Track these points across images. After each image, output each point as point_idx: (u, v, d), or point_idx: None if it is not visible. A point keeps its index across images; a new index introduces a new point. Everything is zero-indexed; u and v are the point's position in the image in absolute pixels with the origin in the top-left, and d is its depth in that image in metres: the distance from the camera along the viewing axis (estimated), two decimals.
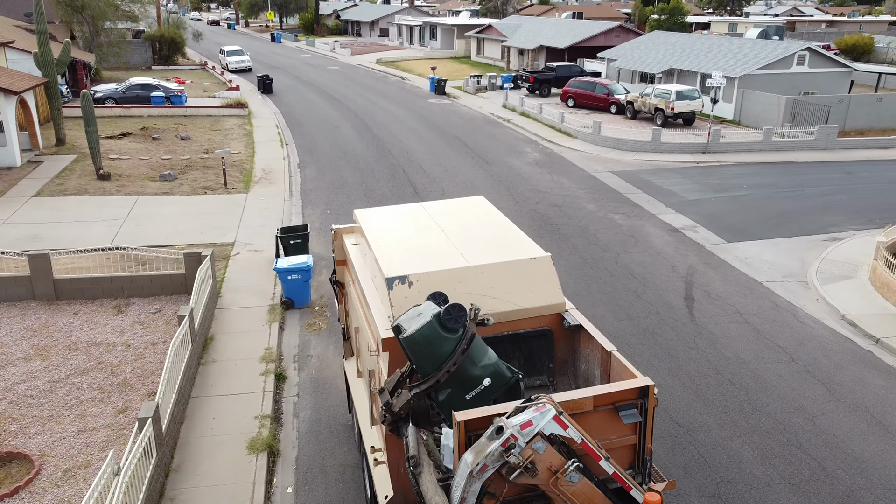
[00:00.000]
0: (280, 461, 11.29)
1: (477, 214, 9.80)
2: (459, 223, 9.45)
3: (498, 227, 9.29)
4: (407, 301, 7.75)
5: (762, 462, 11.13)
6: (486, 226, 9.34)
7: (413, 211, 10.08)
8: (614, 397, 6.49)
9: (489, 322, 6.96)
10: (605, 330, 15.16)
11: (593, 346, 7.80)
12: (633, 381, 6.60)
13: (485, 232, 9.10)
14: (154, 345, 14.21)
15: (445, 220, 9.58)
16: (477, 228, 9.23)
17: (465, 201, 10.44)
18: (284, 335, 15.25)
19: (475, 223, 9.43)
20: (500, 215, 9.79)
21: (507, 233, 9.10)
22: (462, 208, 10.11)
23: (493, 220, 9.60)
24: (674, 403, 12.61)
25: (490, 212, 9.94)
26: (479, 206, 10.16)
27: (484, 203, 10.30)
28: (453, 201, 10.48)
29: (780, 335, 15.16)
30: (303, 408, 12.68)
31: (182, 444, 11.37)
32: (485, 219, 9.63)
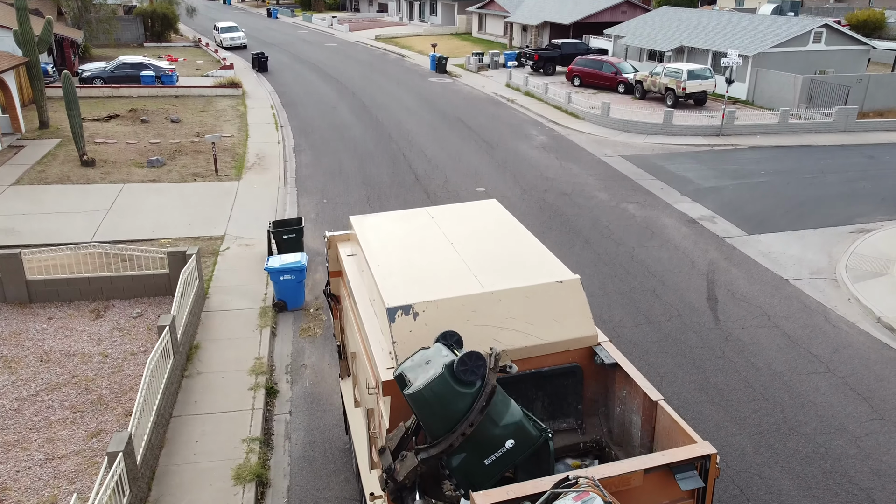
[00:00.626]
0: (270, 493, 10.17)
1: (490, 223, 8.56)
2: (470, 234, 8.21)
3: (515, 240, 8.05)
4: (412, 336, 6.54)
5: (804, 494, 10.02)
6: (501, 238, 8.10)
7: (416, 218, 8.84)
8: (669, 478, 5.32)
9: (512, 370, 5.77)
10: (624, 336, 14.01)
11: (633, 390, 6.61)
12: (690, 448, 5.43)
13: (500, 246, 7.86)
14: (134, 355, 13.04)
15: (454, 230, 8.35)
16: (491, 242, 7.99)
17: (476, 206, 9.19)
18: (277, 342, 14.09)
19: (489, 235, 8.19)
20: (516, 224, 8.54)
21: (526, 247, 7.86)
22: (472, 215, 8.87)
23: (509, 230, 8.36)
24: (704, 424, 11.47)
25: (505, 220, 8.69)
26: (491, 213, 8.90)
27: (497, 209, 9.05)
28: (462, 206, 9.22)
29: (814, 341, 14.00)
30: (295, 428, 11.54)
31: (161, 473, 10.24)
32: (499, 229, 8.38)
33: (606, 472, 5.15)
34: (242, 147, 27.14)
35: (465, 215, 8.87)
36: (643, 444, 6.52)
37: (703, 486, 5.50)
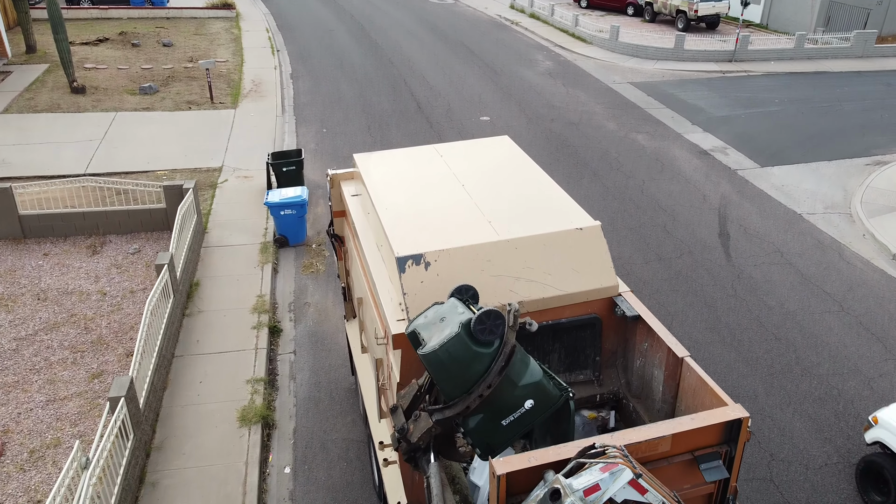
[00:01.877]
0: (276, 435, 10.06)
1: (503, 162, 8.07)
2: (483, 175, 7.74)
3: (531, 182, 7.58)
4: (423, 287, 6.17)
5: (817, 437, 9.90)
6: (515, 179, 7.63)
7: (424, 157, 8.34)
8: (698, 437, 5.03)
9: (532, 328, 5.42)
10: (634, 274, 13.70)
11: (655, 343, 6.30)
12: (720, 411, 5.13)
13: (515, 189, 7.40)
14: (133, 293, 12.75)
15: (465, 170, 7.86)
16: (505, 183, 7.52)
17: (487, 143, 8.66)
18: (278, 279, 13.78)
19: (502, 176, 7.71)
20: (530, 164, 8.05)
21: (542, 190, 7.40)
22: (484, 153, 8.36)
23: (524, 170, 7.87)
24: (716, 365, 11.28)
25: (518, 158, 8.19)
26: (504, 151, 8.39)
27: (510, 146, 8.53)
28: (472, 144, 8.70)
29: (827, 279, 13.69)
30: (300, 368, 11.36)
31: (165, 415, 10.10)
32: (513, 169, 7.90)
33: (633, 438, 4.87)
34: (238, 73, 26.17)
35: (476, 153, 8.37)
36: (665, 399, 6.26)
37: (728, 476, 5.24)
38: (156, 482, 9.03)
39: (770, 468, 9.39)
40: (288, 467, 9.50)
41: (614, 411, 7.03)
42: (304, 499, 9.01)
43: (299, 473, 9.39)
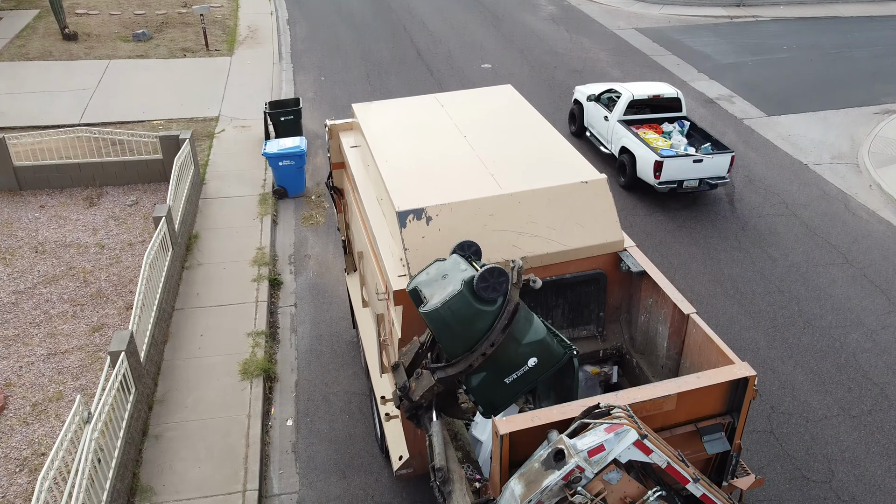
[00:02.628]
0: (277, 387, 10.08)
1: (505, 113, 7.84)
2: (485, 126, 7.53)
3: (534, 133, 7.38)
4: (424, 242, 6.05)
5: (818, 389, 9.92)
6: (518, 131, 7.43)
7: (425, 107, 8.11)
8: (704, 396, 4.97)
9: (536, 285, 5.31)
10: (637, 225, 13.57)
11: (661, 299, 6.21)
12: (727, 369, 5.06)
13: (518, 140, 7.21)
14: (131, 245, 12.65)
15: (467, 121, 7.65)
16: (507, 135, 7.32)
17: (489, 93, 8.42)
18: (278, 231, 13.65)
19: (505, 127, 7.50)
20: (534, 114, 7.83)
21: (546, 141, 7.20)
22: (486, 103, 8.13)
23: (527, 121, 7.66)
24: (718, 317, 11.24)
25: (522, 109, 7.96)
26: (507, 101, 8.16)
27: (513, 95, 8.29)
28: (474, 93, 8.46)
29: (832, 231, 13.56)
30: (301, 321, 11.33)
31: (167, 368, 10.10)
32: (516, 119, 7.68)
33: (638, 397, 4.81)
34: (233, 18, 25.51)
35: (478, 103, 8.13)
36: (669, 356, 6.20)
37: (729, 449, 5.19)
38: (159, 434, 9.07)
39: (770, 420, 9.43)
40: (290, 420, 9.54)
41: (617, 366, 6.99)
42: (307, 451, 9.06)
43: (301, 426, 9.44)
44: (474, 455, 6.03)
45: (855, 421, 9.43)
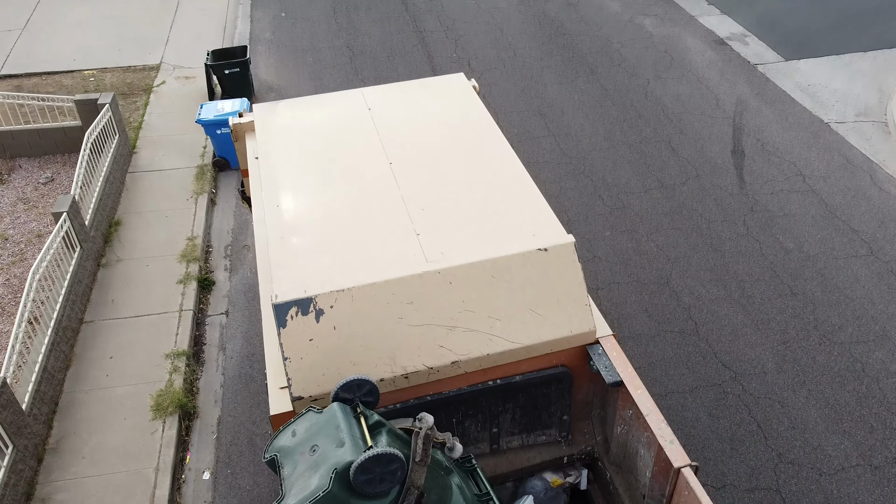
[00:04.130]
0: (197, 426, 8.58)
1: (451, 124, 5.94)
2: (420, 148, 5.64)
3: (483, 160, 5.50)
4: (313, 348, 4.32)
5: (834, 429, 8.39)
6: (463, 156, 5.55)
7: (346, 109, 6.18)
8: None
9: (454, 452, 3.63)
10: (631, 206, 11.74)
11: (642, 425, 4.52)
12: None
13: (461, 173, 5.35)
14: (40, 237, 10.88)
15: (397, 137, 5.76)
16: (448, 164, 5.47)
17: (435, 88, 6.47)
18: (215, 213, 11.86)
19: (446, 149, 5.62)
20: (488, 127, 5.92)
21: (498, 176, 5.34)
22: (428, 106, 6.19)
23: (477, 139, 5.77)
24: (720, 330, 9.60)
25: (473, 117, 6.05)
26: (456, 103, 6.22)
27: (465, 94, 6.35)
28: (416, 87, 6.50)
29: (855, 211, 11.71)
30: (232, 335, 9.71)
31: (66, 404, 8.56)
32: (463, 137, 5.80)
33: None
34: None
35: (417, 106, 6.19)
36: (653, 494, 4.57)
37: None
38: (46, 498, 7.62)
39: (777, 473, 7.94)
40: (208, 472, 8.07)
41: (587, 470, 5.39)
42: None
43: (220, 479, 7.98)
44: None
45: (877, 473, 7.94)
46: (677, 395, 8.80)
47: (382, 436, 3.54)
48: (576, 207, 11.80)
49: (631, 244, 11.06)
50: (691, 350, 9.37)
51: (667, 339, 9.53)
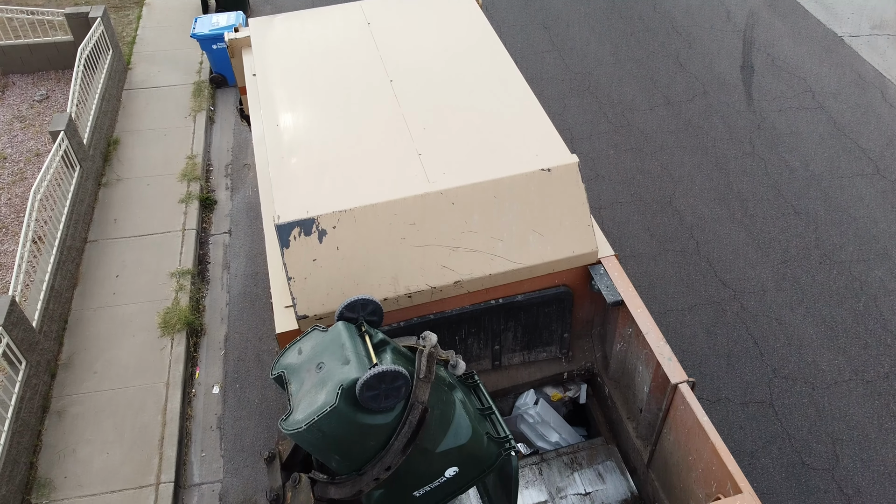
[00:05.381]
0: (204, 343, 8.75)
1: (455, 43, 5.78)
2: (422, 66, 5.50)
3: (488, 81, 5.38)
4: (317, 268, 4.35)
5: (829, 345, 8.54)
6: (467, 77, 5.42)
7: (344, 24, 5.99)
8: None
9: (457, 369, 3.71)
10: (636, 125, 11.57)
11: (642, 342, 4.60)
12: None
13: (465, 95, 5.24)
14: (39, 156, 10.80)
15: (398, 56, 5.61)
16: (451, 85, 5.34)
17: (437, 5, 6.22)
18: (214, 132, 11.70)
19: (450, 69, 5.48)
20: (494, 47, 5.75)
21: (503, 98, 5.23)
22: (431, 24, 6.00)
23: (482, 59, 5.61)
24: (720, 249, 9.64)
25: (477, 36, 5.88)
26: (461, 23, 6.01)
27: (470, 13, 6.11)
28: (415, 4, 6.26)
29: (864, 129, 11.54)
30: (235, 254, 9.78)
31: (75, 322, 8.71)
32: (467, 57, 5.65)
33: None
34: None
35: (416, 19, 6.00)
36: (650, 409, 4.71)
37: None
38: (62, 410, 7.86)
39: (771, 388, 8.14)
40: (217, 386, 8.29)
41: (586, 385, 5.53)
42: (234, 427, 7.90)
43: (229, 394, 8.21)
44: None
45: (869, 388, 8.14)
46: (676, 312, 8.92)
47: (387, 353, 3.61)
48: (580, 126, 11.63)
49: (635, 163, 10.96)
50: (692, 269, 9.43)
51: (668, 258, 9.58)
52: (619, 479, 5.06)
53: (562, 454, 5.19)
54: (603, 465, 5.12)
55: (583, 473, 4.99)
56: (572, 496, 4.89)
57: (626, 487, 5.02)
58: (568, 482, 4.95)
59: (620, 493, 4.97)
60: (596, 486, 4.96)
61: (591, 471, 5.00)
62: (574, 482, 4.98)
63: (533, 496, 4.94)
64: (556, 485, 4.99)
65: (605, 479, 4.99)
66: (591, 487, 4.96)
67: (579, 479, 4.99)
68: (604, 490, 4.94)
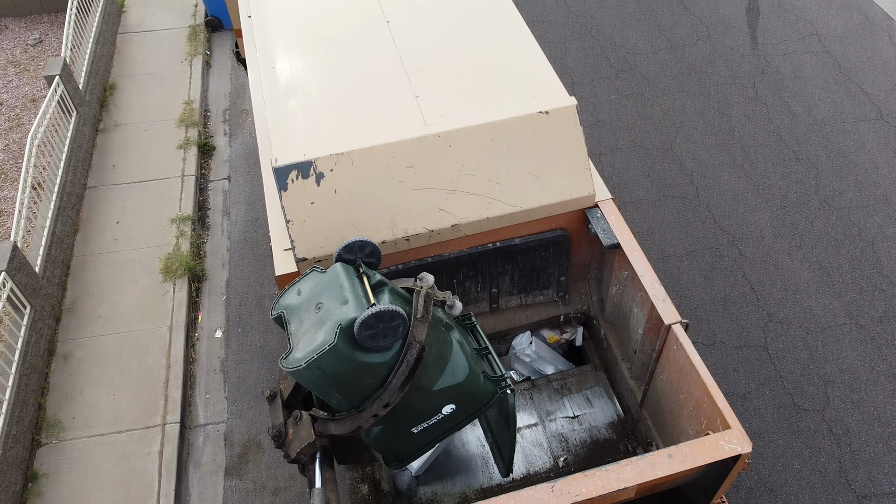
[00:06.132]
0: (206, 288, 8.84)
1: None
2: (419, 6, 5.41)
3: (488, 24, 5.29)
4: (315, 211, 4.38)
5: (825, 290, 8.62)
6: (467, 17, 5.33)
7: None
8: (676, 475, 3.65)
9: (454, 310, 3.77)
10: (638, 69, 11.42)
11: (637, 284, 4.65)
12: (713, 443, 3.66)
13: (463, 35, 5.17)
14: (35, 101, 10.71)
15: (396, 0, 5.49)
16: (450, 24, 5.27)
17: None
18: (211, 76, 11.57)
19: (448, 8, 5.38)
20: None
21: (502, 41, 5.16)
22: None
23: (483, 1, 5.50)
24: (720, 195, 9.64)
25: None
26: None
27: None
28: None
29: (869, 74, 11.39)
30: (235, 200, 9.79)
31: (77, 267, 8.79)
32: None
33: (583, 492, 3.47)
34: None
35: None
36: (643, 349, 4.79)
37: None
38: (67, 354, 8.00)
39: (765, 332, 8.25)
40: (219, 330, 8.42)
41: (582, 327, 5.62)
42: (237, 370, 8.05)
43: (232, 338, 8.34)
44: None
45: (862, 332, 8.25)
46: (674, 258, 8.98)
47: (385, 294, 3.66)
48: (581, 70, 11.48)
49: (636, 108, 10.86)
50: (691, 215, 9.45)
51: (667, 204, 9.59)
52: (607, 403, 5.31)
53: (552, 380, 5.41)
54: (591, 390, 5.38)
55: (571, 398, 5.26)
56: (561, 419, 5.17)
57: (613, 411, 5.27)
58: (557, 406, 5.22)
59: (608, 416, 5.23)
60: (584, 409, 5.24)
61: (580, 395, 5.26)
62: (563, 406, 5.24)
63: (524, 419, 5.18)
64: (545, 408, 5.26)
65: (594, 403, 5.26)
66: (580, 411, 5.23)
67: (568, 403, 5.26)
68: (591, 413, 5.21)
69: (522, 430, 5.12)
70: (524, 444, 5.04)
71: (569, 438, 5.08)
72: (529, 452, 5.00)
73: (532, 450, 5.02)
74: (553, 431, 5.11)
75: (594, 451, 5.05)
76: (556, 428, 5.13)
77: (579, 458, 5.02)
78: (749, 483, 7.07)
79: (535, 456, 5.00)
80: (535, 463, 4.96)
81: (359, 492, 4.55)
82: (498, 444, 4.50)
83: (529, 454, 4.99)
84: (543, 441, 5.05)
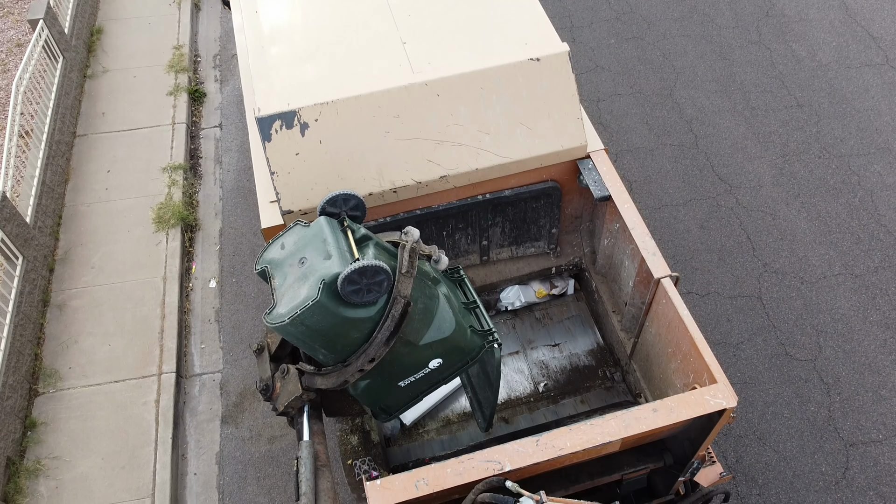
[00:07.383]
0: (199, 237, 8.80)
1: None
2: None
3: None
4: (300, 162, 4.29)
5: (821, 240, 8.57)
6: None
7: None
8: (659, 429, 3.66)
9: (440, 264, 3.72)
10: (640, 12, 11.11)
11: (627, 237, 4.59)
12: (698, 398, 3.66)
13: None
14: (20, 46, 10.46)
15: None
16: None
17: None
18: (200, 20, 11.27)
19: None
20: None
21: None
22: None
23: None
24: (720, 143, 9.49)
25: None
26: None
27: None
28: None
29: (876, 16, 11.08)
30: (227, 148, 9.66)
31: (69, 216, 8.73)
32: None
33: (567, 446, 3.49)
34: None
35: None
36: (633, 302, 4.77)
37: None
38: (62, 304, 8.01)
39: (760, 282, 8.24)
40: (213, 280, 8.41)
41: (573, 279, 5.59)
42: (232, 319, 8.07)
43: (226, 288, 8.34)
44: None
45: (857, 281, 8.23)
46: (671, 207, 8.90)
47: (369, 248, 3.61)
48: (580, 12, 11.17)
49: (636, 52, 10.61)
50: (689, 163, 9.32)
51: (665, 152, 9.46)
52: (587, 331, 5.43)
53: (534, 310, 5.50)
54: (570, 319, 5.49)
55: (552, 327, 5.39)
56: (542, 347, 5.29)
57: (593, 339, 5.40)
58: (538, 335, 5.35)
59: (588, 344, 5.37)
60: (564, 337, 5.35)
61: (560, 325, 5.38)
62: (544, 335, 5.35)
63: (506, 348, 5.31)
64: (527, 337, 5.37)
65: (574, 331, 5.40)
66: (560, 339, 5.35)
67: (549, 332, 5.37)
68: (572, 341, 5.33)
69: (504, 358, 5.26)
70: (505, 370, 5.20)
71: (549, 365, 5.22)
72: (511, 379, 5.18)
73: (513, 376, 5.20)
74: (534, 359, 5.27)
75: (573, 376, 5.19)
76: (537, 356, 5.28)
77: (559, 383, 5.16)
78: (738, 431, 7.15)
79: (516, 382, 5.17)
80: (516, 388, 5.13)
81: (349, 443, 4.60)
82: (479, 399, 4.52)
83: (511, 380, 5.18)
84: (525, 368, 5.21)
